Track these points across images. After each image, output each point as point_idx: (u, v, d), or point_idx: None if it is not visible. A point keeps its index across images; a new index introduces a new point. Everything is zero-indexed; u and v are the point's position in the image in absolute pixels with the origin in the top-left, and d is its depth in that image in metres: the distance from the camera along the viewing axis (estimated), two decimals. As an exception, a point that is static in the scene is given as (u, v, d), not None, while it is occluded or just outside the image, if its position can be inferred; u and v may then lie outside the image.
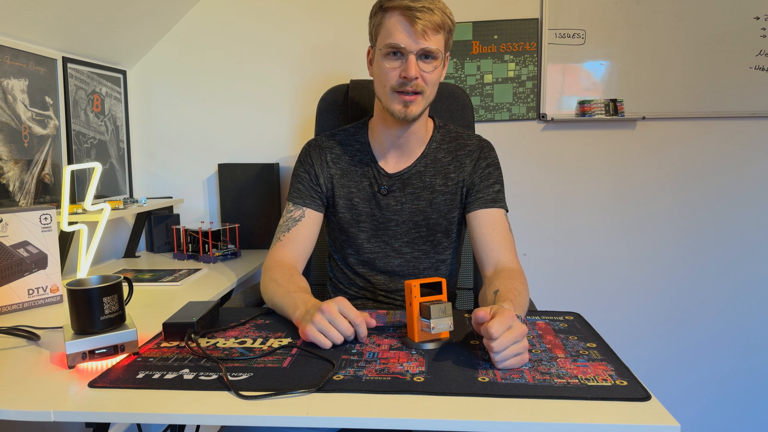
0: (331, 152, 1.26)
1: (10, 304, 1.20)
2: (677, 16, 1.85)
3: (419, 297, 0.88)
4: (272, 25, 1.96)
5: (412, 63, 1.07)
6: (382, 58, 1.10)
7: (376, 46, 1.13)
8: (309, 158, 1.26)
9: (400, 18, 1.07)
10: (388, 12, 1.09)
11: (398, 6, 1.06)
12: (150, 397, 0.73)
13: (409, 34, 1.06)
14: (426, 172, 1.22)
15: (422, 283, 0.88)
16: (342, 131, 1.29)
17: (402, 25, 1.06)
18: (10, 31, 1.43)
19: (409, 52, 1.07)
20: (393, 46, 1.08)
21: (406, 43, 1.07)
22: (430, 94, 1.13)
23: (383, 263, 1.25)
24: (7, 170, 1.44)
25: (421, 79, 1.09)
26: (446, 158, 1.23)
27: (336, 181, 1.24)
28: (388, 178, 1.22)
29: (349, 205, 1.24)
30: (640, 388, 0.73)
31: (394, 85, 1.10)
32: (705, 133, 1.93)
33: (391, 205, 1.22)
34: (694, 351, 2.02)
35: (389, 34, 1.08)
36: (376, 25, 1.12)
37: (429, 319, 0.85)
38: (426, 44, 1.07)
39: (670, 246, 1.99)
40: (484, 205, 1.19)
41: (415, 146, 1.23)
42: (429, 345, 0.89)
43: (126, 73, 1.98)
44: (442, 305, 0.86)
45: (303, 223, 1.21)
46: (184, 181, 2.06)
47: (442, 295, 0.90)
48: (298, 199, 1.23)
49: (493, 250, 1.14)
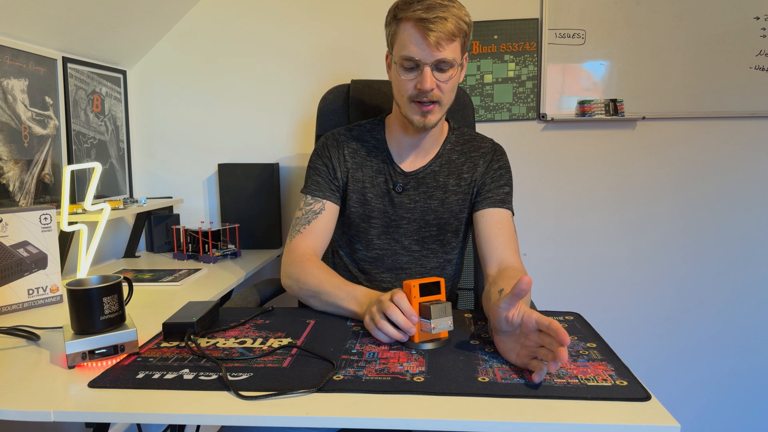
0: (348, 146, 1.26)
1: (10, 304, 1.20)
2: (677, 16, 1.85)
3: (418, 297, 0.88)
4: (272, 25, 1.96)
5: (427, 76, 1.07)
6: (398, 68, 1.11)
7: (393, 55, 1.13)
8: (327, 151, 1.26)
9: (413, 30, 1.06)
10: (402, 22, 1.08)
11: (411, 17, 1.06)
12: (150, 397, 0.73)
13: (423, 46, 1.06)
14: (440, 172, 1.23)
15: (421, 284, 0.88)
16: (358, 126, 1.29)
17: (415, 38, 1.06)
18: (10, 31, 1.43)
19: (424, 64, 1.07)
20: (408, 59, 1.08)
21: (421, 56, 1.06)
22: (447, 101, 1.14)
23: (391, 260, 1.26)
24: (7, 170, 1.44)
25: (437, 89, 1.09)
26: (460, 159, 1.25)
27: (351, 175, 1.25)
28: (404, 176, 1.23)
29: (362, 200, 1.24)
30: (640, 388, 0.73)
31: (411, 95, 1.11)
32: (705, 133, 1.93)
33: (404, 203, 1.23)
34: (694, 351, 2.02)
35: (403, 46, 1.08)
36: (392, 34, 1.12)
37: (429, 319, 0.85)
38: (440, 55, 1.06)
39: (670, 246, 1.99)
40: (492, 205, 1.20)
41: (430, 147, 1.24)
42: (428, 345, 0.89)
43: (126, 73, 1.98)
44: (443, 305, 0.86)
45: (324, 215, 1.21)
46: (184, 181, 2.06)
47: (440, 294, 0.90)
48: (317, 191, 1.23)
49: (497, 249, 1.14)
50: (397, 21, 1.09)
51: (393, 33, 1.11)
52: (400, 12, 1.08)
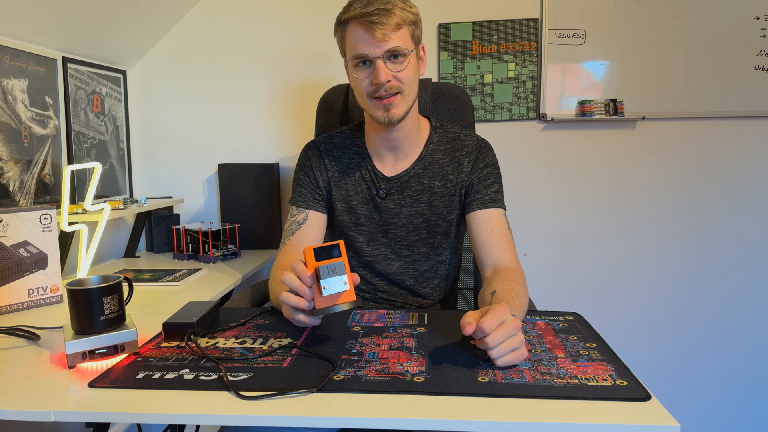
0: (329, 154, 1.26)
1: (10, 304, 1.20)
2: (677, 16, 1.85)
3: (314, 261, 0.84)
4: (272, 25, 1.96)
5: (380, 68, 1.07)
6: (352, 69, 1.12)
7: (346, 59, 1.14)
8: (308, 161, 1.26)
9: (357, 28, 1.07)
10: (346, 24, 1.10)
11: (353, 16, 1.07)
12: (150, 397, 0.73)
13: (369, 41, 1.06)
14: (424, 175, 1.22)
15: (316, 248, 0.85)
16: (339, 133, 1.29)
17: (361, 35, 1.07)
18: (10, 31, 1.43)
19: (375, 58, 1.07)
20: (358, 57, 1.09)
21: (369, 50, 1.07)
22: (410, 92, 1.12)
23: (383, 266, 1.25)
24: (7, 170, 1.44)
25: (394, 79, 1.09)
26: (444, 160, 1.23)
27: (334, 183, 1.24)
28: (386, 182, 1.22)
29: (347, 208, 1.24)
30: (640, 388, 0.73)
31: (369, 92, 1.11)
32: (705, 133, 1.93)
33: (389, 208, 1.22)
34: (695, 351, 2.02)
35: (352, 46, 1.09)
36: (340, 40, 1.13)
37: (319, 280, 0.83)
38: (388, 45, 1.06)
39: (671, 246, 1.99)
40: (482, 206, 1.18)
41: (410, 148, 1.22)
42: (332, 309, 0.85)
43: (126, 73, 1.98)
44: (333, 265, 0.83)
45: (307, 225, 1.21)
46: (184, 181, 2.06)
47: (341, 257, 0.86)
48: (301, 202, 1.23)
49: (492, 251, 1.14)
50: (342, 25, 1.11)
51: (341, 38, 1.13)
52: (343, 15, 1.10)
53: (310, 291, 0.85)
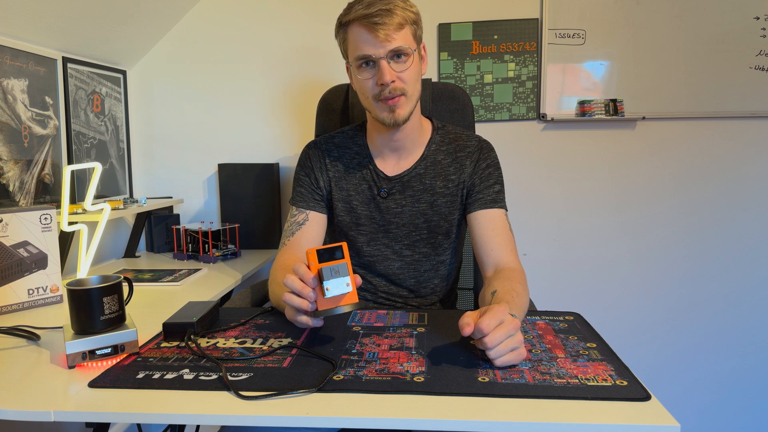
0: (330, 155, 1.26)
1: (10, 304, 1.20)
2: (677, 16, 1.85)
3: (317, 263, 0.84)
4: (272, 25, 1.96)
5: (384, 68, 1.07)
6: (356, 71, 1.11)
7: (349, 61, 1.13)
8: (308, 161, 1.26)
9: (360, 29, 1.07)
10: (348, 26, 1.10)
11: (355, 17, 1.07)
12: (150, 397, 0.73)
13: (372, 41, 1.06)
14: (426, 175, 1.22)
15: (319, 249, 0.85)
16: (340, 133, 1.29)
17: (364, 36, 1.07)
18: (10, 31, 1.43)
19: (379, 58, 1.07)
20: (362, 58, 1.09)
21: (373, 51, 1.07)
22: (413, 92, 1.13)
23: (383, 266, 1.25)
24: (7, 170, 1.44)
25: (398, 80, 1.09)
26: (446, 160, 1.23)
27: (334, 183, 1.24)
28: (387, 181, 1.22)
29: (347, 208, 1.24)
30: (640, 388, 0.73)
31: (374, 94, 1.10)
32: (705, 133, 1.93)
33: (391, 208, 1.22)
34: (695, 351, 2.02)
35: (355, 47, 1.09)
36: (342, 42, 1.13)
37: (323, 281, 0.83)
38: (392, 45, 1.06)
39: (671, 246, 1.99)
40: (484, 206, 1.18)
41: (412, 148, 1.23)
42: (334, 311, 0.85)
43: (126, 73, 1.98)
44: (336, 266, 0.84)
45: (307, 226, 1.21)
46: (184, 181, 2.06)
47: (344, 259, 0.86)
48: (301, 202, 1.23)
49: (493, 251, 1.14)
50: (344, 27, 1.11)
51: (343, 40, 1.13)
52: (344, 17, 1.10)
53: (313, 293, 0.85)
